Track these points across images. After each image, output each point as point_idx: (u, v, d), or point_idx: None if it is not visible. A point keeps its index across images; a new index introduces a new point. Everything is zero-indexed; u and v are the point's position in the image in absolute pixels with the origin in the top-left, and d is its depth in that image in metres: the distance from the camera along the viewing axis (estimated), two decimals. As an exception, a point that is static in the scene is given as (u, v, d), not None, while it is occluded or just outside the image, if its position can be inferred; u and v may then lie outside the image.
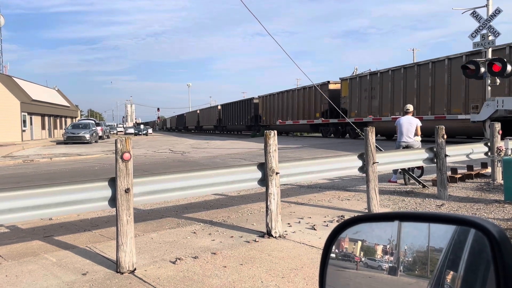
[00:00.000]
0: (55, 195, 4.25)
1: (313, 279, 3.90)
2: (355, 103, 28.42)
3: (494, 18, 12.78)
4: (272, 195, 5.42)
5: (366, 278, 1.04)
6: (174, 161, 17.21)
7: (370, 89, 26.89)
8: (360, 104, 27.83)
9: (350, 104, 28.92)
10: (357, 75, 29.56)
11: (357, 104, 28.13)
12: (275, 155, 5.49)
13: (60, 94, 57.69)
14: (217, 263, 4.47)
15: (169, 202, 7.69)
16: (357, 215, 1.13)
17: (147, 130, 64.82)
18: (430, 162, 7.95)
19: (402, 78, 23.93)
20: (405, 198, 7.83)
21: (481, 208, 6.85)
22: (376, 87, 26.17)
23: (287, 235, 5.45)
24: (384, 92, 25.45)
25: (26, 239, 5.72)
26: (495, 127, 9.18)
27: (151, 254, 4.83)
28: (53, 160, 19.42)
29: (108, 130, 49.95)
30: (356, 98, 28.17)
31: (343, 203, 7.54)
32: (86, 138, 33.73)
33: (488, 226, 0.87)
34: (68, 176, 12.59)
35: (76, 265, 4.51)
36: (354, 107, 28.48)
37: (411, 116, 9.73)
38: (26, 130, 38.35)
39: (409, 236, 1.01)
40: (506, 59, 12.14)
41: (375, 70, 27.79)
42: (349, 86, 29.06)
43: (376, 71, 27.18)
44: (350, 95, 29.01)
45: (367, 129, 6.55)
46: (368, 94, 27.09)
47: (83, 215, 6.83)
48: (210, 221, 6.40)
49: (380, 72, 26.41)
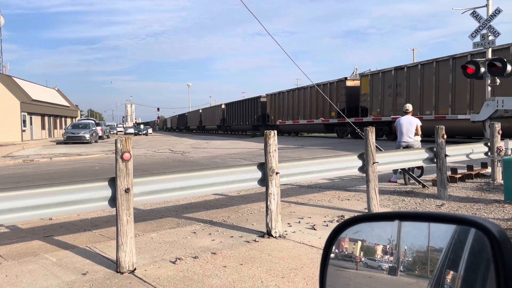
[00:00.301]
0: (55, 195, 4.24)
1: (313, 279, 3.90)
2: (376, 101, 26.04)
3: (494, 18, 12.78)
4: (272, 195, 5.42)
5: (366, 278, 1.04)
6: (174, 161, 17.21)
7: (395, 85, 24.78)
8: (383, 102, 25.64)
9: (370, 102, 26.56)
10: (379, 71, 26.94)
11: (380, 102, 25.81)
12: (275, 155, 5.49)
13: (60, 94, 57.69)
14: (217, 263, 4.46)
15: (169, 202, 7.69)
16: (357, 215, 1.13)
17: (147, 130, 64.88)
18: (430, 162, 7.95)
19: (434, 73, 21.81)
20: (405, 198, 7.83)
21: (481, 208, 6.85)
22: (403, 83, 24.06)
23: (287, 235, 5.45)
24: (412, 88, 23.29)
25: (26, 239, 5.72)
26: (495, 127, 9.18)
27: (151, 254, 4.83)
28: (53, 160, 19.42)
29: (108, 130, 49.95)
30: (379, 95, 25.91)
31: (343, 203, 7.54)
32: (86, 138, 33.74)
33: (488, 225, 0.87)
34: (68, 176, 12.59)
35: (76, 265, 4.51)
36: (376, 105, 26.21)
37: (411, 116, 9.75)
38: (26, 130, 38.35)
39: (409, 236, 1.01)
40: (510, 59, 12.14)
41: (400, 65, 24.97)
42: (370, 83, 26.86)
43: (402, 65, 24.68)
44: (371, 92, 26.65)
45: (367, 129, 6.55)
46: (392, 91, 24.93)
47: (83, 215, 6.83)
48: (210, 221, 6.40)
49: (407, 66, 24.21)
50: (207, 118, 65.96)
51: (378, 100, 26.00)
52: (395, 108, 24.40)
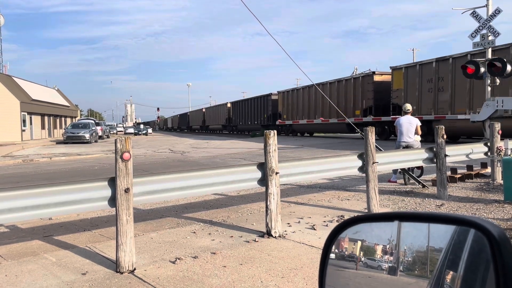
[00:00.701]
0: (55, 195, 4.24)
1: (312, 279, 3.90)
2: (412, 98, 22.62)
3: (494, 18, 12.78)
4: (272, 195, 5.42)
5: (366, 278, 1.04)
6: (174, 161, 17.21)
7: (436, 79, 21.68)
8: (421, 98, 22.58)
9: (405, 99, 22.79)
10: (416, 63, 23.73)
11: (417, 99, 22.51)
12: (275, 155, 5.49)
13: (60, 93, 57.69)
14: (217, 263, 4.46)
15: (168, 202, 7.69)
16: (356, 215, 1.13)
17: (146, 130, 64.85)
18: (430, 162, 7.95)
19: None
20: (405, 198, 7.83)
21: (481, 208, 6.85)
22: (446, 77, 20.94)
23: (287, 235, 5.45)
24: (459, 83, 20.05)
25: (26, 238, 5.72)
26: (494, 127, 9.18)
27: (151, 254, 4.83)
28: (53, 160, 19.41)
29: (108, 130, 49.92)
30: (415, 91, 22.73)
31: (342, 203, 7.54)
32: (86, 138, 33.73)
33: (488, 226, 0.87)
34: (67, 176, 12.59)
35: (76, 264, 4.51)
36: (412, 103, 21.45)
37: (410, 115, 9.76)
38: (25, 130, 38.34)
39: (408, 236, 1.01)
40: (510, 59, 12.13)
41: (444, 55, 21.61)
42: (404, 77, 23.77)
43: (446, 56, 21.32)
44: (406, 88, 23.51)
45: (367, 129, 6.55)
46: (433, 85, 21.85)
47: (83, 215, 6.82)
48: (210, 221, 6.40)
49: (452, 57, 20.74)
50: (211, 117, 63.46)
51: (415, 97, 22.68)
52: (436, 105, 21.59)
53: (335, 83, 30.33)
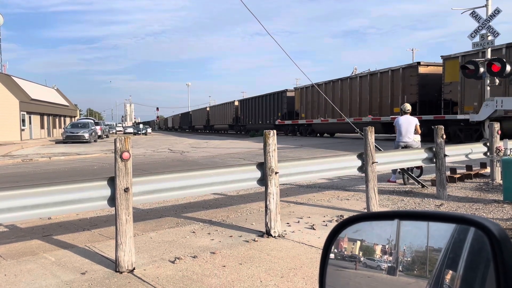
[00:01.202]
0: (54, 194, 4.24)
1: (312, 278, 3.90)
2: (472, 92, 19.19)
3: (493, 18, 12.79)
4: (271, 195, 5.42)
5: (366, 278, 1.04)
6: (173, 161, 17.20)
7: None
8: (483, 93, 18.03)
9: (461, 94, 19.60)
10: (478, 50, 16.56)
11: (478, 94, 18.80)
12: (274, 155, 5.49)
13: (59, 93, 57.65)
14: (216, 262, 4.46)
15: (168, 202, 7.68)
16: (356, 214, 1.13)
17: (146, 130, 64.77)
18: (429, 162, 7.95)
19: None
20: (404, 198, 7.84)
21: (480, 208, 6.86)
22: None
23: (286, 235, 5.45)
24: None
25: (25, 238, 5.71)
26: (494, 127, 9.19)
27: (150, 254, 4.82)
28: (52, 160, 19.40)
29: (107, 129, 49.89)
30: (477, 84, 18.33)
31: (342, 203, 7.54)
32: (85, 137, 33.70)
33: (488, 224, 0.87)
34: (67, 175, 12.58)
35: (75, 264, 4.51)
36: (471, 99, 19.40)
37: (409, 115, 9.75)
38: (25, 129, 38.33)
39: (408, 235, 1.01)
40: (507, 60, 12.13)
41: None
42: None
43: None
44: (462, 81, 19.44)
45: (366, 129, 6.55)
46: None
47: (82, 214, 6.82)
48: (209, 220, 6.40)
49: None
50: (216, 116, 59.59)
51: (477, 91, 18.90)
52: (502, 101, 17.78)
53: (367, 76, 27.00)
